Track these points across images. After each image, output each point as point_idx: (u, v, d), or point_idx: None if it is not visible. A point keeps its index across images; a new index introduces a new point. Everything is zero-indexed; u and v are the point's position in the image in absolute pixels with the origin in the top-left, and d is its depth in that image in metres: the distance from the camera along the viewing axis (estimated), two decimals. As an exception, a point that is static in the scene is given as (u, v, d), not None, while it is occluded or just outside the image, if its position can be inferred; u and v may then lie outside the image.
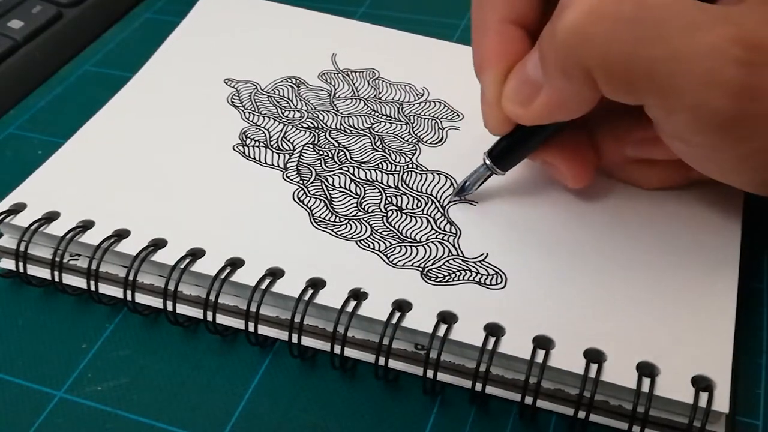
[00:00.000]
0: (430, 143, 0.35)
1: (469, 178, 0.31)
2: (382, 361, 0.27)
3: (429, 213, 0.31)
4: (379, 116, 0.37)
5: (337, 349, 0.28)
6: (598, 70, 0.24)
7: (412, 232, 0.31)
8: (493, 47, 0.29)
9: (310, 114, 0.37)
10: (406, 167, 0.34)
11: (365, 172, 0.33)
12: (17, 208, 0.31)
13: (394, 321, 0.27)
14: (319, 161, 0.34)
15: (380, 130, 0.36)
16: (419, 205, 0.32)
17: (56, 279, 0.30)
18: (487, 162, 0.31)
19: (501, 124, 0.29)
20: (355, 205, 0.32)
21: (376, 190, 0.32)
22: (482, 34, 0.29)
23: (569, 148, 0.30)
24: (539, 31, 0.27)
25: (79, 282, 0.31)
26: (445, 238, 0.30)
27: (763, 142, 0.24)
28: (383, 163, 0.34)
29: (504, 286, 0.28)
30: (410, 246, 0.30)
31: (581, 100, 0.26)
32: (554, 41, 0.25)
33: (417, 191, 0.32)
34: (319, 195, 0.32)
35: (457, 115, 0.36)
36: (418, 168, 0.34)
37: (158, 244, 0.30)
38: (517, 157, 0.31)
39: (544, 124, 0.28)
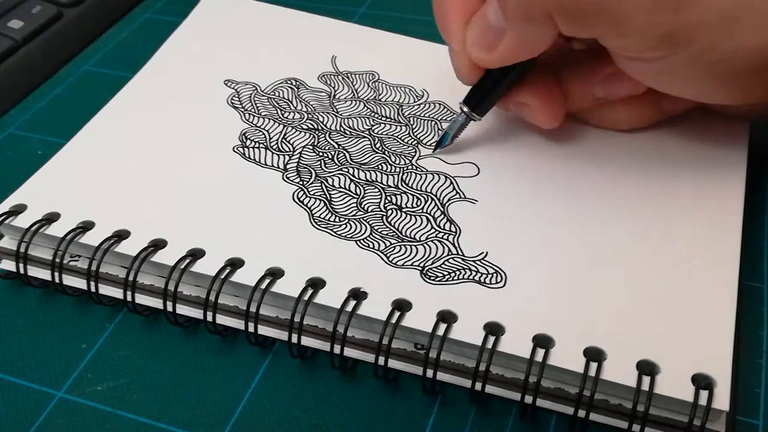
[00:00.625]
0: (430, 145, 0.35)
1: (449, 128, 0.33)
2: (381, 360, 0.27)
3: (429, 212, 0.31)
4: (379, 118, 0.37)
5: (337, 349, 0.28)
6: (558, 11, 0.27)
7: (411, 231, 0.31)
8: (453, 4, 0.32)
9: (309, 115, 0.37)
10: (405, 169, 0.34)
11: (365, 174, 0.33)
12: (17, 210, 0.31)
13: (393, 320, 0.27)
14: (318, 162, 0.34)
15: (380, 132, 0.36)
16: (419, 203, 0.32)
17: (56, 280, 0.30)
18: (465, 109, 0.33)
19: (470, 72, 0.32)
20: (354, 204, 0.32)
21: (376, 190, 0.32)
22: None
23: (540, 89, 0.32)
24: None
25: (79, 283, 0.31)
26: (445, 236, 0.30)
27: (705, 43, 0.27)
28: (383, 164, 0.34)
29: (504, 285, 0.28)
30: (410, 245, 0.30)
31: (542, 39, 0.29)
32: None
33: (417, 190, 0.32)
34: (319, 195, 0.32)
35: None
36: (418, 169, 0.34)
37: (158, 244, 0.30)
38: (491, 100, 0.33)
39: (510, 65, 0.31)
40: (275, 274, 0.29)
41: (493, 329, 0.27)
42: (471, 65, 0.31)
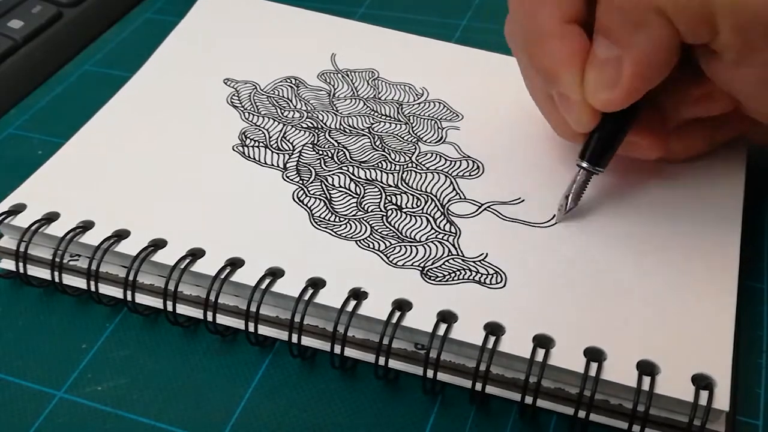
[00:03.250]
0: (430, 143, 0.35)
1: (570, 190, 0.31)
2: (382, 360, 0.27)
3: (429, 212, 0.31)
4: (379, 116, 0.37)
5: (337, 349, 0.28)
6: (670, 5, 0.24)
7: (411, 232, 0.31)
8: (564, 50, 0.28)
9: (309, 114, 0.37)
10: (405, 166, 0.34)
11: (365, 172, 0.33)
12: (17, 209, 0.31)
13: (394, 320, 0.27)
14: (318, 161, 0.34)
15: (380, 130, 0.36)
16: (419, 204, 0.32)
17: (56, 279, 0.30)
18: (584, 165, 0.30)
19: (590, 120, 0.29)
20: (354, 204, 0.32)
21: (376, 190, 0.32)
22: (544, 40, 0.29)
23: (644, 123, 0.30)
24: (591, 23, 0.28)
25: (79, 282, 0.31)
26: (445, 237, 0.30)
27: None
28: (383, 162, 0.34)
29: (504, 286, 0.28)
30: (410, 246, 0.30)
31: (663, 49, 0.26)
32: (614, 3, 0.26)
33: (417, 190, 0.32)
34: (319, 195, 0.32)
35: (457, 115, 0.36)
36: (418, 167, 0.34)
37: (158, 244, 0.30)
38: (613, 148, 0.30)
39: (637, 99, 0.27)
40: (275, 274, 0.29)
41: (494, 329, 0.27)
42: (592, 113, 0.28)
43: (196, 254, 0.29)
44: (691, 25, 0.25)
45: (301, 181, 0.33)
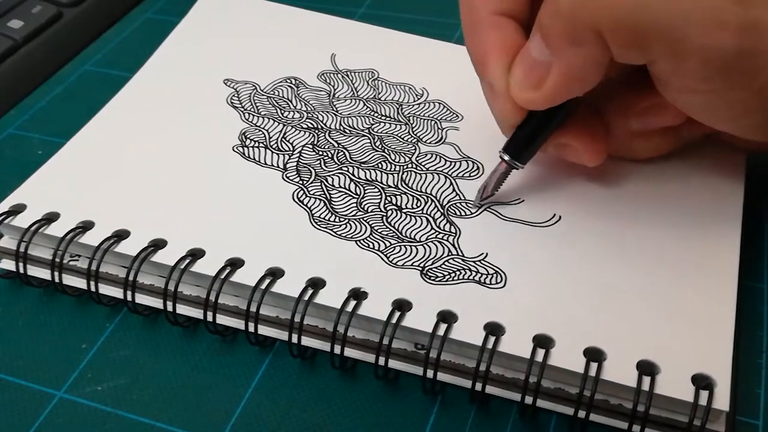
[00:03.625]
0: (430, 143, 0.35)
1: (489, 180, 0.31)
2: (382, 360, 0.27)
3: (429, 212, 0.31)
4: (379, 117, 0.37)
5: (337, 349, 0.28)
6: (608, 27, 0.25)
7: (411, 232, 0.31)
8: (492, 41, 0.29)
9: (309, 114, 0.37)
10: (405, 167, 0.34)
11: (365, 172, 0.33)
12: (17, 209, 0.31)
13: (393, 320, 0.27)
14: (318, 161, 0.34)
15: (380, 131, 0.36)
16: (419, 204, 0.32)
17: (56, 279, 0.30)
18: (506, 158, 0.30)
19: (513, 115, 0.29)
20: (354, 204, 0.32)
21: (376, 190, 0.32)
22: (477, 30, 0.30)
23: (582, 127, 0.30)
24: (529, 20, 0.28)
25: (79, 282, 0.31)
26: (445, 237, 0.30)
27: (763, 79, 0.24)
28: (383, 162, 0.34)
29: (504, 286, 0.28)
30: (410, 246, 0.30)
31: (592, 66, 0.26)
32: (559, 13, 0.26)
33: (417, 191, 0.32)
34: (319, 195, 0.32)
35: (457, 115, 0.36)
36: (418, 168, 0.34)
37: (158, 244, 0.30)
38: (535, 146, 0.30)
39: (558, 104, 0.28)
40: (275, 274, 0.29)
41: (494, 329, 0.27)
42: (515, 108, 0.29)
43: (196, 254, 0.29)
44: (626, 50, 0.25)
45: (301, 182, 0.33)
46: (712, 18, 0.24)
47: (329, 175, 0.33)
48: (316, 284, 0.28)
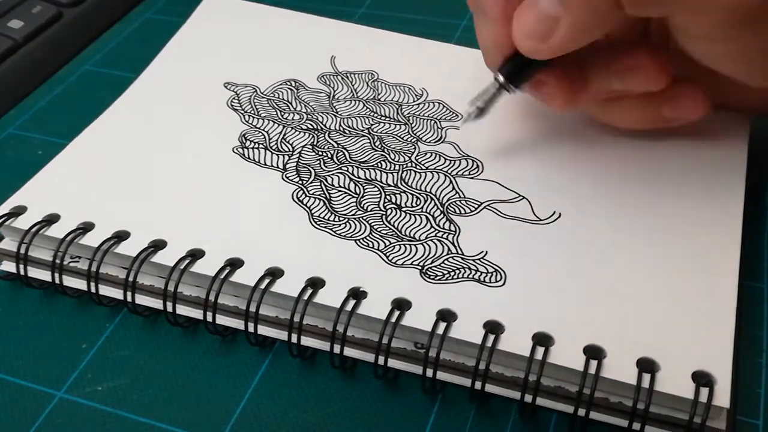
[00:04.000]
0: (429, 143, 0.35)
1: (479, 97, 0.31)
2: (381, 360, 0.27)
3: (428, 211, 0.31)
4: (378, 117, 0.37)
5: (337, 349, 0.28)
6: None
7: (411, 231, 0.31)
8: None
9: (309, 116, 0.37)
10: (405, 166, 0.34)
11: (364, 172, 0.33)
12: (18, 211, 0.31)
13: (393, 320, 0.27)
14: (318, 161, 0.34)
15: (379, 131, 0.36)
16: (418, 203, 0.32)
17: (57, 281, 0.30)
18: (500, 78, 0.30)
19: (508, 46, 0.29)
20: (354, 204, 0.32)
21: (376, 189, 0.33)
22: None
23: (563, 72, 0.30)
24: None
25: (80, 284, 0.31)
26: (445, 236, 0.30)
27: None
28: (382, 162, 0.34)
29: (503, 284, 0.28)
30: (409, 244, 0.30)
31: (604, 24, 0.26)
32: None
33: (416, 189, 0.32)
34: (319, 195, 0.32)
35: (456, 115, 0.36)
36: (417, 167, 0.34)
37: (158, 245, 0.30)
38: (529, 74, 0.30)
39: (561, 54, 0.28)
40: (275, 273, 0.29)
41: (493, 328, 0.27)
42: (508, 38, 0.29)
43: (195, 255, 0.29)
44: (643, 8, 0.25)
45: (300, 182, 0.33)
46: None
47: (329, 175, 0.33)
48: (315, 284, 0.28)
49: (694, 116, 0.32)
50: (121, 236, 0.30)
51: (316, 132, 0.36)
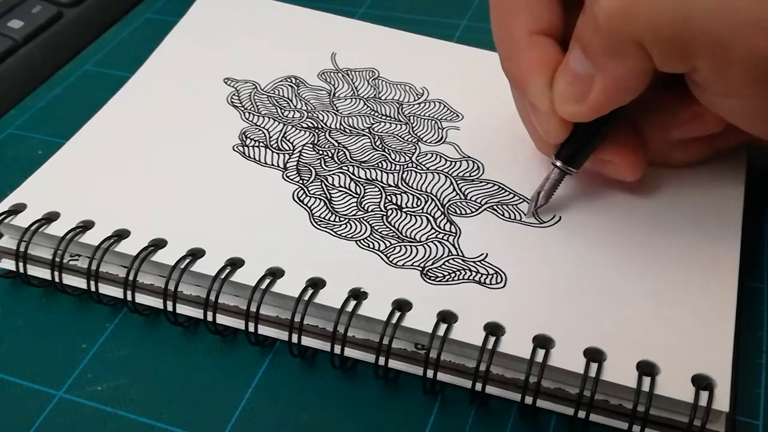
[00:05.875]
0: (430, 143, 0.35)
1: (542, 188, 0.31)
2: (382, 360, 0.27)
3: (429, 212, 0.31)
4: (379, 116, 0.37)
5: (337, 349, 0.28)
6: (649, 38, 0.24)
7: (411, 232, 0.31)
8: (532, 60, 0.29)
9: (309, 114, 0.37)
10: (405, 166, 0.34)
11: (365, 172, 0.33)
12: (17, 209, 0.31)
13: (394, 320, 0.27)
14: (318, 161, 0.34)
15: (380, 130, 0.36)
16: (419, 203, 0.32)
17: (56, 279, 0.30)
18: (558, 164, 0.30)
19: (560, 130, 0.29)
20: (354, 204, 0.32)
21: (376, 189, 0.32)
22: (516, 52, 0.29)
23: (620, 142, 0.30)
24: (564, 36, 0.28)
25: (79, 282, 0.31)
26: (445, 237, 0.30)
27: None
28: (383, 162, 0.34)
29: (504, 286, 0.28)
30: (410, 245, 0.30)
31: (636, 76, 0.26)
32: (598, 26, 0.25)
33: (417, 190, 0.32)
34: (319, 195, 0.32)
35: (457, 115, 0.36)
36: (418, 167, 0.34)
37: (158, 244, 0.30)
38: (586, 152, 0.30)
39: (604, 114, 0.28)
40: (275, 273, 0.29)
41: (493, 330, 0.27)
42: (560, 123, 0.29)
43: (196, 254, 0.29)
44: (669, 60, 0.25)
45: (301, 181, 0.33)
46: (757, 25, 0.23)
47: (329, 175, 0.33)
48: (316, 284, 0.28)
49: (745, 138, 0.31)
50: (121, 235, 0.30)
51: (317, 130, 0.36)
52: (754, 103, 0.26)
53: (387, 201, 0.32)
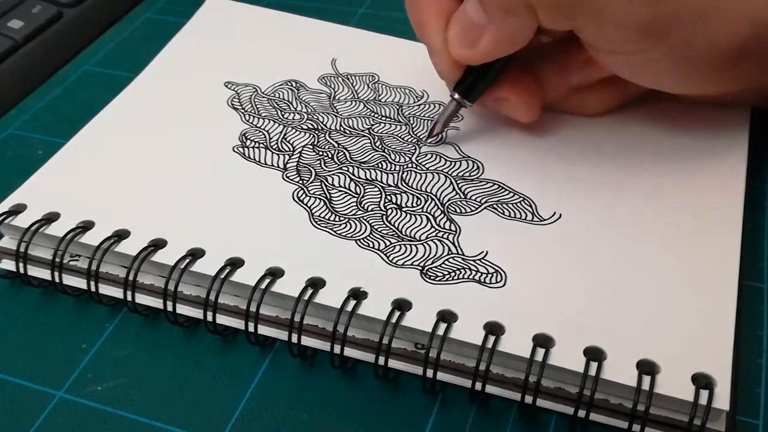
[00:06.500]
0: (430, 143, 0.35)
1: (440, 117, 0.34)
2: (381, 360, 0.27)
3: (429, 211, 0.31)
4: (379, 117, 0.37)
5: (337, 349, 0.28)
6: (538, 3, 0.28)
7: (411, 231, 0.31)
8: (429, 5, 0.32)
9: (309, 116, 0.37)
10: (405, 167, 0.34)
11: (365, 172, 0.33)
12: (17, 209, 0.31)
13: (393, 320, 0.27)
14: (318, 161, 0.34)
15: (380, 131, 0.36)
16: (419, 203, 0.32)
17: (56, 279, 0.30)
18: (456, 96, 0.33)
19: (451, 70, 0.33)
20: (354, 204, 0.32)
21: (376, 189, 0.33)
22: (418, 2, 0.33)
23: (517, 83, 0.33)
24: None
25: (79, 282, 0.31)
26: (445, 236, 0.30)
27: (678, 37, 0.29)
28: (383, 162, 0.34)
29: (504, 285, 0.28)
30: (410, 244, 0.30)
31: (523, 32, 0.30)
32: None
33: (417, 189, 0.32)
34: (319, 194, 0.32)
35: (457, 116, 0.36)
36: (418, 168, 0.34)
37: (158, 244, 0.30)
38: (481, 88, 0.33)
39: (491, 60, 0.31)
40: (275, 273, 0.29)
41: (493, 329, 0.27)
42: (452, 63, 0.32)
43: (196, 254, 0.29)
44: (554, 20, 0.29)
45: (301, 181, 0.33)
46: None
47: (329, 175, 0.33)
48: (315, 284, 0.28)
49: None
50: (121, 235, 0.30)
51: (317, 132, 0.36)
52: (633, 58, 0.30)
53: (387, 201, 0.32)
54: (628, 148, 0.34)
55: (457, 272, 0.29)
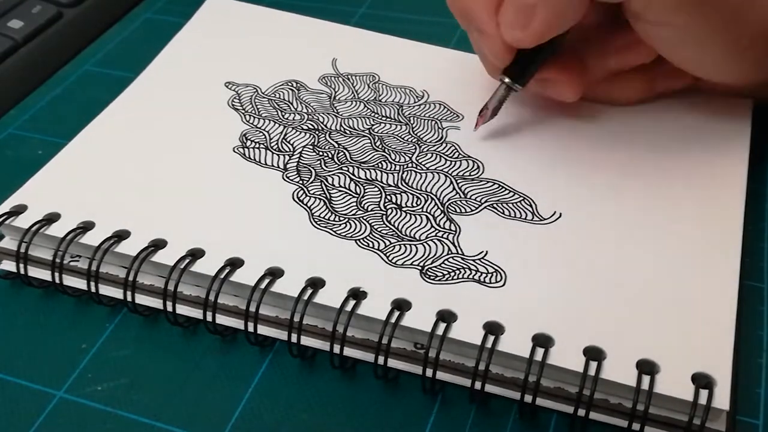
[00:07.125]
0: (430, 143, 0.35)
1: (490, 102, 0.34)
2: (381, 360, 0.27)
3: (429, 210, 0.31)
4: (379, 118, 0.37)
5: (337, 349, 0.28)
6: None
7: (411, 230, 0.31)
8: None
9: (310, 116, 0.37)
10: (405, 167, 0.34)
11: (365, 172, 0.33)
12: (18, 210, 0.31)
13: (393, 320, 0.27)
14: (318, 162, 0.34)
15: (380, 131, 0.36)
16: (419, 202, 0.32)
17: (57, 280, 0.30)
18: (506, 80, 0.33)
19: (504, 53, 0.33)
20: (354, 204, 0.32)
21: (376, 189, 0.33)
22: None
23: (563, 64, 0.34)
24: None
25: (80, 283, 0.31)
26: (445, 235, 0.30)
27: (727, 10, 0.29)
28: (383, 162, 0.34)
29: (503, 284, 0.28)
30: (410, 244, 0.30)
31: (575, 9, 0.30)
32: None
33: (417, 189, 0.32)
34: (319, 194, 0.32)
35: (457, 116, 0.36)
36: (418, 167, 0.34)
37: (158, 244, 0.30)
38: (530, 72, 0.33)
39: (544, 41, 0.31)
40: (275, 273, 0.29)
41: (493, 328, 0.27)
42: (505, 47, 0.32)
43: (195, 254, 0.29)
44: None
45: (301, 181, 0.33)
46: None
47: (329, 175, 0.33)
48: (315, 284, 0.28)
49: (679, 86, 0.36)
50: (121, 235, 0.30)
51: (317, 132, 0.36)
52: (679, 32, 0.30)
53: (387, 200, 0.32)
54: (629, 149, 0.34)
55: (457, 272, 0.29)
